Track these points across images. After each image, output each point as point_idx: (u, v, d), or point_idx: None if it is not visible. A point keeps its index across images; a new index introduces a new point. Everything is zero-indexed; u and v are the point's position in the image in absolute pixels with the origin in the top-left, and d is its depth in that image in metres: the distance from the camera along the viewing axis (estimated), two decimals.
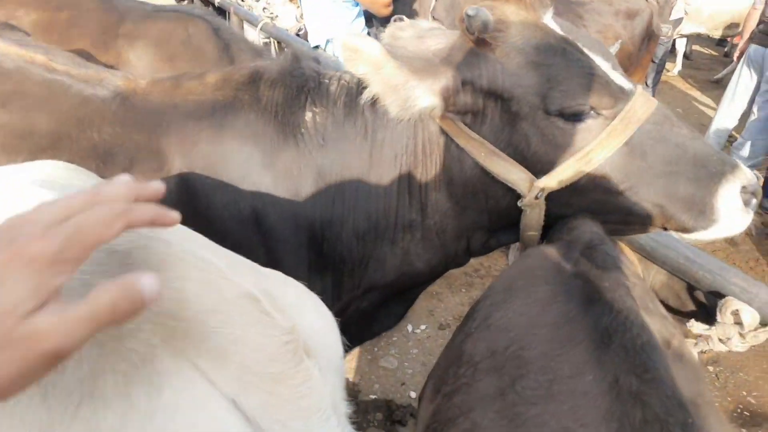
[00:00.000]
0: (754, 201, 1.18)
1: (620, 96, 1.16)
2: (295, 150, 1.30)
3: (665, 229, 1.25)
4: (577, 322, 0.82)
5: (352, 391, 2.75)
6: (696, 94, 7.94)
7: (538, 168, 1.21)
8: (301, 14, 4.24)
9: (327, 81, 1.33)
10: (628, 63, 3.81)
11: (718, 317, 1.21)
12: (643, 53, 4.05)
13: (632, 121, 1.15)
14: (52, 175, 0.90)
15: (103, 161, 1.32)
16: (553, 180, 1.20)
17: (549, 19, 1.23)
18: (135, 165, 1.31)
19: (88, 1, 2.29)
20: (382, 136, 1.29)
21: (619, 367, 0.70)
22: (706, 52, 10.01)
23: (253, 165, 1.30)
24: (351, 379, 2.84)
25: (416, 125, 1.27)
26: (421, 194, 1.32)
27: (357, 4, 2.95)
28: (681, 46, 8.39)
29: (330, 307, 1.42)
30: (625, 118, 1.15)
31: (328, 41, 3.04)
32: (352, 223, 1.34)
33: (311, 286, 1.36)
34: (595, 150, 1.16)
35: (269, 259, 1.32)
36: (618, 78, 1.19)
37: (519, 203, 1.24)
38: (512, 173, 1.21)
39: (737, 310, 1.16)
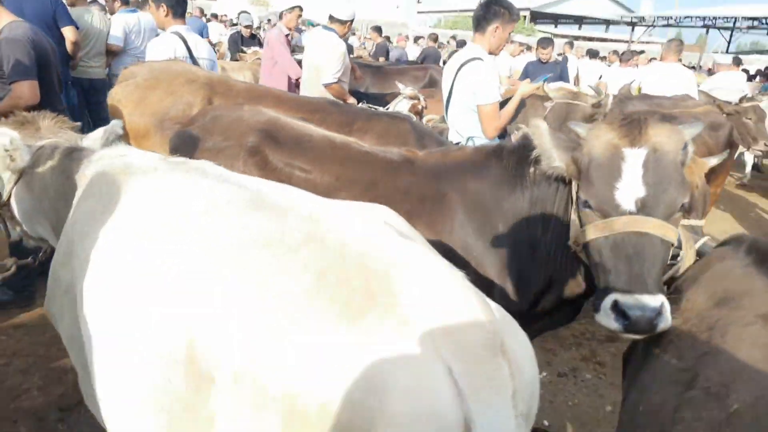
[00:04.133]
0: (622, 321, 1.57)
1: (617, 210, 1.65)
2: (520, 192, 2.10)
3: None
4: None
5: None
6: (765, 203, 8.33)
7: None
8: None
9: None
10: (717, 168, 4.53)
11: None
12: (728, 159, 4.76)
13: (612, 226, 1.64)
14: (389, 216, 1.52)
15: (402, 196, 2.17)
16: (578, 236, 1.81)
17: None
18: (425, 200, 2.15)
19: (330, 107, 3.36)
20: (554, 188, 2.05)
21: None
22: None
23: (499, 198, 2.11)
24: None
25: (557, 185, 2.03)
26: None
27: None
28: (750, 158, 8.55)
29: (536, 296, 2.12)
30: (607, 222, 1.66)
31: (468, 138, 3.96)
32: (543, 239, 2.09)
33: (530, 279, 2.09)
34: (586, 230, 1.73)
35: (502, 257, 2.08)
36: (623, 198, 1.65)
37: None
38: (575, 223, 1.84)
39: None
